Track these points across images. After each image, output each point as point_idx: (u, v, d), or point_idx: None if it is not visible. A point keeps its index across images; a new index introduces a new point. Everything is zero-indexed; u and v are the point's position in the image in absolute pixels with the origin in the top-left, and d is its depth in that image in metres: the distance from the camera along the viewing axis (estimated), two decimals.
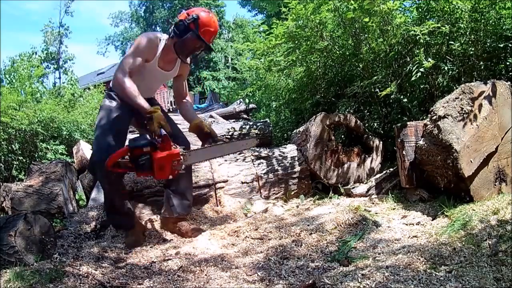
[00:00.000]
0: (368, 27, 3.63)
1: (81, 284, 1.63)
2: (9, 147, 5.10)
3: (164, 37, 2.34)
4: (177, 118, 2.87)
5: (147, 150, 2.04)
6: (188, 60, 2.46)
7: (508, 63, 3.14)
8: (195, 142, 3.33)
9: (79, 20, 51.74)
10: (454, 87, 3.00)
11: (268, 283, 1.63)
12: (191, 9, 2.32)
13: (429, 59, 2.92)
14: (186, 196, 2.48)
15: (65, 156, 5.50)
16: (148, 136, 2.13)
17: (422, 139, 2.47)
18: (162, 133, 2.07)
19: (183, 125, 2.80)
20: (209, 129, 2.44)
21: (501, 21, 3.17)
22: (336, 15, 3.79)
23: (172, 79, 2.59)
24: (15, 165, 5.07)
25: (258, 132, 4.63)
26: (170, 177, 2.15)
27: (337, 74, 4.44)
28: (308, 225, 2.35)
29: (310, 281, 1.51)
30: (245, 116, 6.33)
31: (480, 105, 2.28)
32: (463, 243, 1.66)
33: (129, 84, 2.17)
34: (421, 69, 2.95)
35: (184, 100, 2.61)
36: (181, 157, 2.09)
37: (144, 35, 2.32)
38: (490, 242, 1.60)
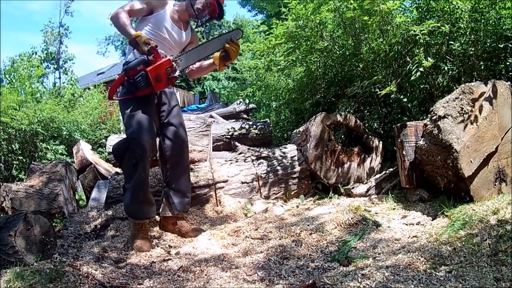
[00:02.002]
0: (368, 27, 3.63)
1: (81, 284, 1.63)
2: (9, 147, 5.11)
3: (176, 3, 2.57)
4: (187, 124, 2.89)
5: (140, 68, 2.17)
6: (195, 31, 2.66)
7: (508, 63, 3.14)
8: (195, 142, 3.34)
9: (79, 20, 51.74)
10: (454, 87, 3.00)
11: (268, 283, 1.63)
12: None
13: (429, 59, 2.92)
14: (185, 194, 2.48)
15: (65, 156, 5.51)
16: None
17: (422, 139, 2.47)
18: (149, 47, 2.16)
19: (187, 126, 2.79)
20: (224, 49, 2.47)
21: (501, 21, 3.17)
22: (336, 15, 3.79)
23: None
24: (15, 165, 5.08)
25: (258, 132, 4.64)
26: (170, 87, 2.35)
27: (337, 74, 4.44)
28: (308, 225, 2.35)
29: (310, 281, 1.51)
30: (245, 116, 6.33)
31: (480, 105, 2.28)
32: (463, 243, 1.66)
33: (123, 16, 2.28)
34: (421, 69, 2.95)
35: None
36: (173, 63, 2.21)
37: None
38: (490, 242, 1.60)
